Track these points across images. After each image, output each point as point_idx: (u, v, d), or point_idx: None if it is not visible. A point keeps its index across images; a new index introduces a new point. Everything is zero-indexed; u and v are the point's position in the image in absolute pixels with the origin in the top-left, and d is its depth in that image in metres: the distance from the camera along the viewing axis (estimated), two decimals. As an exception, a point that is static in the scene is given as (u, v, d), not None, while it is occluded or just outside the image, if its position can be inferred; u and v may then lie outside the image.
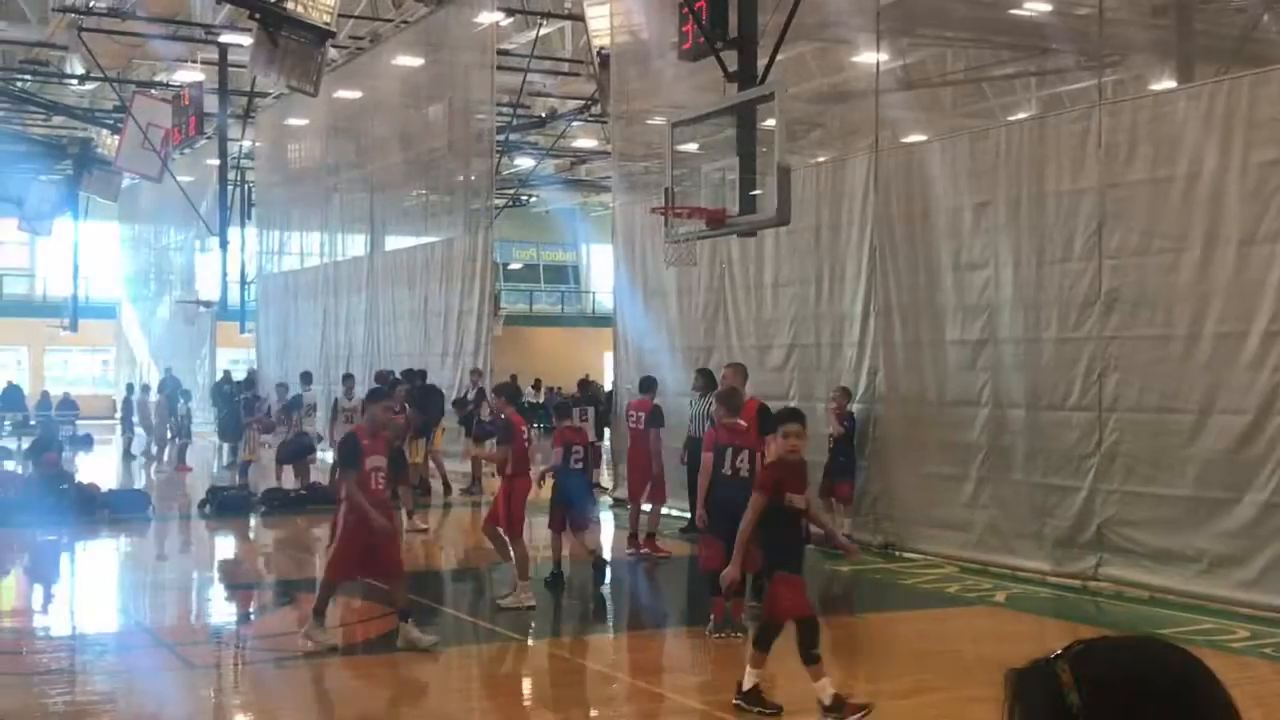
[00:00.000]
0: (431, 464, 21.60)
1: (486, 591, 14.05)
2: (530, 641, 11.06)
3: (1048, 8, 23.00)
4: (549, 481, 13.34)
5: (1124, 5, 20.35)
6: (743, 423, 11.16)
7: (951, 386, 14.48)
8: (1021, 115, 25.93)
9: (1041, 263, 13.31)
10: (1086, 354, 12.83)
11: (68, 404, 41.45)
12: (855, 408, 15.55)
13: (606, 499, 20.57)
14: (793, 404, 16.45)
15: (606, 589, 13.33)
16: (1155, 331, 12.18)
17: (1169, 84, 19.71)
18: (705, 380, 16.05)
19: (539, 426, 30.52)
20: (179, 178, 33.33)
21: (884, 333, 15.37)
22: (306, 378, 24.00)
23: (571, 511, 13.17)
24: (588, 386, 22.43)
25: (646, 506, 15.57)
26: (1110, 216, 12.61)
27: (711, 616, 10.70)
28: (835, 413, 15.31)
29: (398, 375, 21.46)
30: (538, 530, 13.61)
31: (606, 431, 22.89)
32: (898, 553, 14.91)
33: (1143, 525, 12.25)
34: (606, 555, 14.12)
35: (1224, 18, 21.49)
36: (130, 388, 35.92)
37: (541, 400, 42.99)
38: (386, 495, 10.83)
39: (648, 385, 16.44)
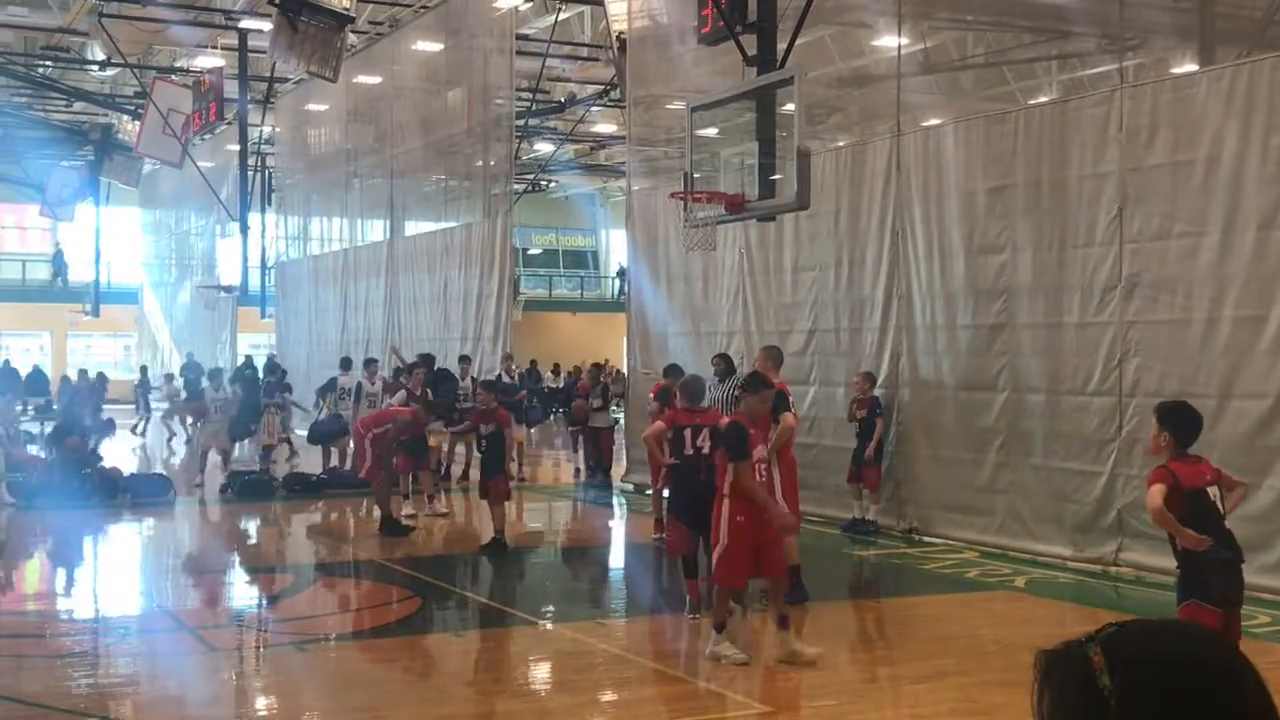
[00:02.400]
0: (460, 448, 21.60)
1: (503, 575, 14.12)
2: (548, 625, 11.10)
3: (1069, -9, 22.88)
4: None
5: (1146, -12, 20.27)
6: (704, 405, 11.34)
7: (973, 371, 14.46)
8: (1042, 99, 25.81)
9: (1064, 247, 13.27)
10: (1107, 339, 12.80)
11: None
12: (877, 392, 15.55)
13: (625, 484, 20.59)
14: (813, 389, 16.52)
15: (612, 573, 13.36)
16: (1175, 316, 12.14)
17: (1190, 67, 19.60)
18: (725, 365, 16.10)
19: (560, 411, 30.61)
20: (199, 163, 33.43)
21: (905, 317, 15.35)
22: (346, 363, 24.06)
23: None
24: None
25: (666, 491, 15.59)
26: (1131, 201, 12.57)
27: (688, 598, 10.87)
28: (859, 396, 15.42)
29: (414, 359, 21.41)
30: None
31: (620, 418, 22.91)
32: (919, 538, 14.90)
33: (1163, 510, 12.21)
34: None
35: (1246, 1, 21.35)
36: (145, 370, 36.12)
37: (561, 385, 43.05)
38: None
39: (672, 373, 16.26)
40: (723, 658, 9.32)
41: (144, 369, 39.32)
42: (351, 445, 21.68)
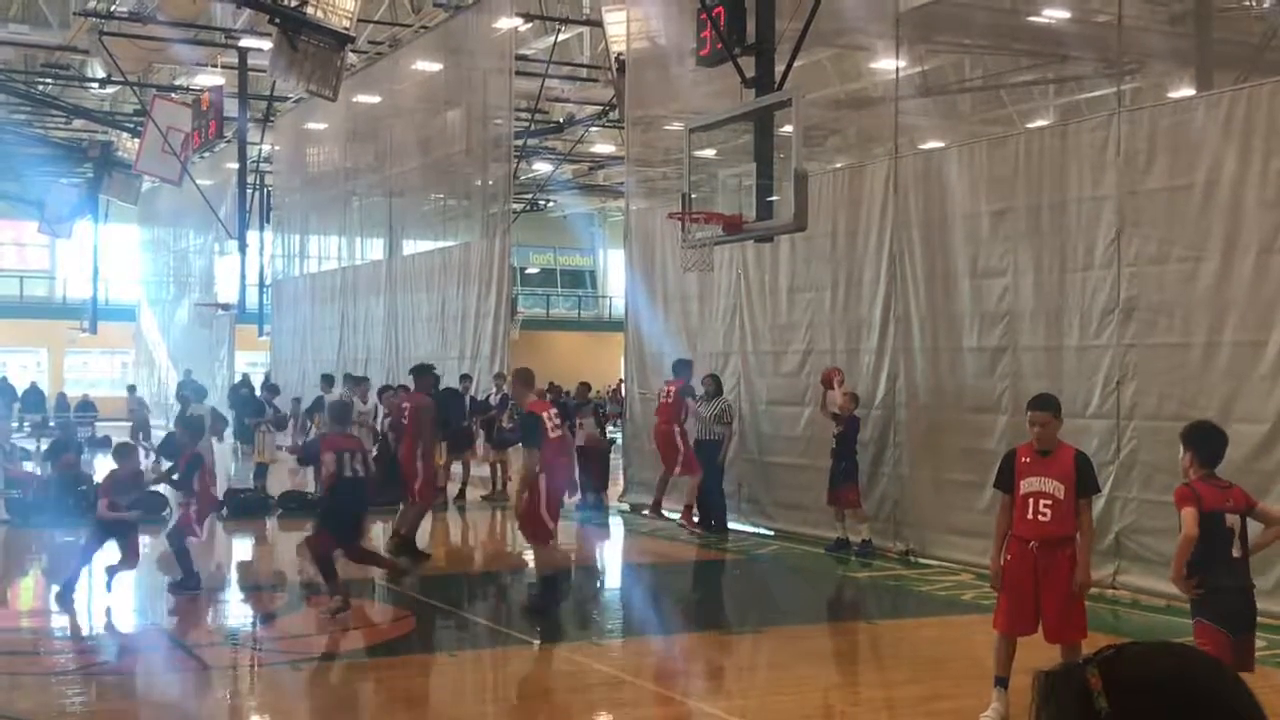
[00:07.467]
0: (456, 467, 21.54)
1: (499, 595, 14.09)
2: (542, 645, 11.07)
3: (1067, 15, 22.99)
4: None
5: (1143, 13, 20.37)
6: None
7: (971, 393, 14.45)
8: (1040, 122, 25.88)
9: (1063, 270, 13.27)
10: (1106, 362, 12.79)
11: (86, 406, 41.66)
12: (874, 413, 15.55)
13: (622, 504, 20.54)
14: (808, 410, 16.51)
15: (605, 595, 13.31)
16: (1173, 340, 12.14)
17: (1188, 91, 19.67)
18: (714, 386, 16.77)
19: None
20: (198, 181, 33.47)
21: (903, 339, 15.34)
22: (329, 380, 24.02)
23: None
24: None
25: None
26: (1129, 224, 12.59)
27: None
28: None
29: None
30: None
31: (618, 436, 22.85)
32: (916, 559, 14.87)
33: (1160, 533, 12.19)
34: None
35: (1243, 25, 21.45)
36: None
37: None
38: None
39: (680, 368, 17.42)
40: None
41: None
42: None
